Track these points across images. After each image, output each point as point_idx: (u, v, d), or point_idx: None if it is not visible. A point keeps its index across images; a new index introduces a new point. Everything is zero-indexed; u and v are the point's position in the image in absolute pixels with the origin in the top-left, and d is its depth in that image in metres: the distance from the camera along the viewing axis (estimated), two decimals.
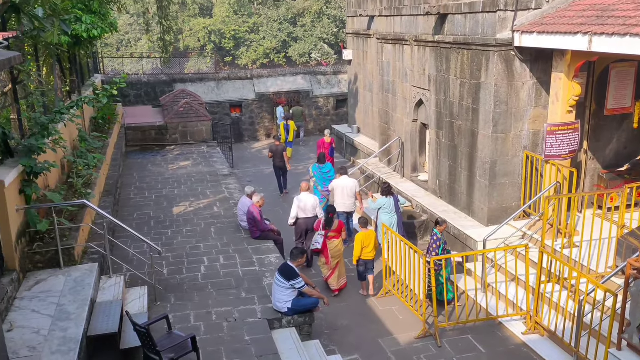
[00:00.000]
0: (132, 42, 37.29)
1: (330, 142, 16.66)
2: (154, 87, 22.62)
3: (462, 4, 11.10)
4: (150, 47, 21.57)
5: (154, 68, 30.59)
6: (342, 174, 11.96)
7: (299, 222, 10.74)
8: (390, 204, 10.92)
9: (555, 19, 9.59)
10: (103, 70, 24.54)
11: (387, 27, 14.97)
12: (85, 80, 16.46)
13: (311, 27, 36.80)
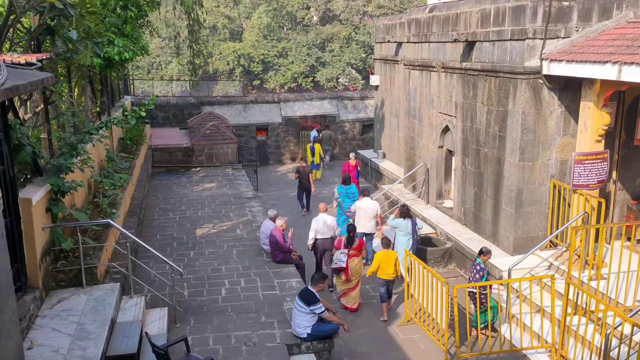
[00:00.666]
0: (163, 65, 38.29)
1: (355, 165, 16.75)
2: (182, 109, 23.09)
3: (490, 31, 11.08)
4: (180, 69, 22.11)
5: (183, 90, 31.28)
6: (364, 196, 12.06)
7: (317, 243, 10.80)
8: (408, 226, 10.93)
9: (585, 47, 9.48)
10: (133, 92, 25.20)
11: (414, 53, 15.02)
12: (116, 101, 16.91)
13: (339, 52, 37.19)
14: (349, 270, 9.86)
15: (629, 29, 9.53)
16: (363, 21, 37.79)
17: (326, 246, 10.78)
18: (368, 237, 12.04)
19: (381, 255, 9.65)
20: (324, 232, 10.73)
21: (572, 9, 9.94)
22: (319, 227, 10.71)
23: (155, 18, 18.16)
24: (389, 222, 11.68)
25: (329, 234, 10.75)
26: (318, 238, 10.76)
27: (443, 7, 13.26)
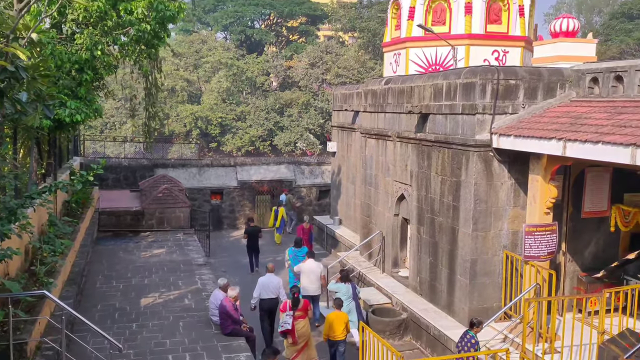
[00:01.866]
0: (117, 125, 37.50)
1: (309, 229, 17.20)
2: (134, 171, 22.56)
3: (442, 105, 11.47)
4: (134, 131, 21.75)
5: (137, 151, 30.67)
6: (309, 257, 12.42)
7: (262, 303, 10.93)
8: (348, 290, 11.23)
9: (531, 123, 9.89)
10: (83, 152, 24.51)
11: (371, 123, 15.36)
12: (64, 162, 16.30)
13: (298, 117, 37.83)
14: (295, 332, 9.75)
15: (572, 107, 10.06)
16: (322, 88, 38.86)
17: (272, 306, 10.94)
18: (313, 299, 12.16)
19: (333, 316, 9.85)
20: (270, 293, 10.90)
21: (519, 87, 10.46)
22: (265, 287, 10.90)
23: (112, 80, 17.96)
24: (330, 286, 11.96)
25: (274, 294, 10.91)
26: (263, 298, 10.91)
27: (398, 80, 13.74)
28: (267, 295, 10.87)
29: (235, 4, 47.30)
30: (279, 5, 47.16)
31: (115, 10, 9.11)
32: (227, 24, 47.09)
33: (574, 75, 10.64)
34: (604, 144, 7.86)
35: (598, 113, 9.14)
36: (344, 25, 44.23)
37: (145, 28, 8.94)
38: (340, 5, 48.77)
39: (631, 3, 43.84)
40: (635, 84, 9.33)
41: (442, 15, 15.30)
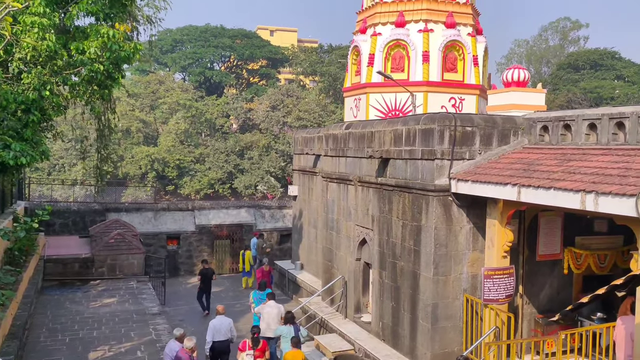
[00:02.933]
0: (67, 167, 36.07)
1: (268, 271, 17.42)
2: (84, 215, 21.69)
3: (402, 150, 11.63)
4: (85, 173, 21.09)
5: (87, 195, 29.62)
6: (269, 299, 12.65)
7: (214, 345, 11.04)
8: (290, 332, 11.27)
9: (487, 169, 10.12)
10: (29, 196, 23.38)
11: (332, 167, 15.40)
12: (6, 207, 15.46)
13: (258, 160, 37.68)
14: None
15: (525, 153, 10.39)
16: (283, 131, 39.06)
17: (223, 349, 11.01)
18: (272, 341, 12.10)
19: (290, 355, 9.99)
20: (221, 335, 10.99)
21: (475, 134, 10.75)
22: (217, 330, 10.99)
23: (61, 120, 17.41)
24: (275, 332, 11.97)
25: (224, 336, 11.01)
26: (215, 340, 10.98)
27: (359, 125, 13.92)
28: (219, 338, 11.01)
29: (194, 46, 47.51)
30: (239, 48, 47.70)
31: (66, 49, 8.82)
32: (185, 65, 47.12)
33: (526, 123, 11.04)
34: (555, 189, 8.10)
35: (549, 160, 9.46)
36: (304, 69, 45.09)
37: (98, 68, 8.64)
38: (301, 50, 49.87)
39: (577, 55, 46.63)
40: (582, 132, 9.74)
41: (401, 62, 15.78)
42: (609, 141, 9.28)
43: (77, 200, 25.70)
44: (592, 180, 7.86)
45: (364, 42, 16.39)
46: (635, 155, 8.36)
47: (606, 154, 8.84)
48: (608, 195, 7.32)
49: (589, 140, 9.71)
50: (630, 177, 7.52)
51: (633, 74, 45.10)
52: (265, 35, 57.61)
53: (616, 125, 9.19)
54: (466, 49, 15.70)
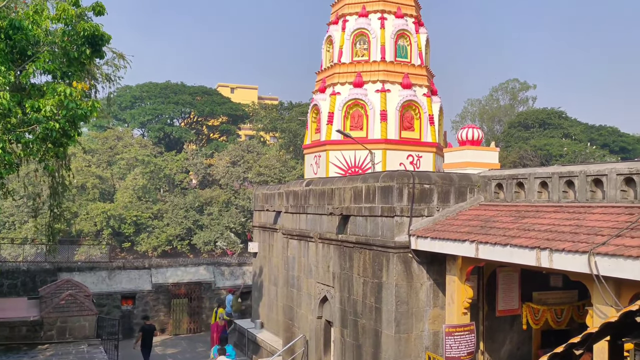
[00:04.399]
0: (17, 225, 34.45)
1: (223, 325, 17.82)
2: (33, 276, 20.65)
3: (362, 207, 11.73)
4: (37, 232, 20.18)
5: (38, 253, 28.32)
6: (220, 354, 12.81)
7: None
8: None
9: (446, 226, 10.29)
10: None
11: (292, 223, 15.33)
12: None
13: (218, 215, 37.14)
14: None
15: (481, 210, 10.65)
16: (243, 187, 38.85)
17: None
18: None
19: None
20: None
21: (433, 191, 10.98)
22: None
23: (13, 177, 16.81)
24: None
25: None
26: None
27: (319, 182, 14.02)
28: None
29: (154, 102, 47.46)
30: (199, 105, 47.93)
31: (21, 107, 8.63)
32: (145, 121, 46.83)
33: (481, 180, 11.39)
34: (511, 246, 8.28)
35: (505, 216, 9.72)
36: (265, 125, 45.57)
37: (53, 126, 8.41)
38: (262, 107, 50.59)
39: (526, 114, 49.08)
40: (535, 190, 10.11)
41: (360, 121, 16.18)
42: (559, 199, 9.64)
43: (27, 260, 24.45)
44: (546, 237, 8.09)
45: (323, 101, 16.79)
46: (585, 212, 8.69)
47: (558, 211, 9.16)
48: (562, 252, 7.52)
49: (542, 198, 10.07)
50: (581, 234, 7.78)
51: (579, 132, 47.65)
52: (226, 93, 58.30)
53: (566, 183, 9.58)
54: (422, 108, 16.29)
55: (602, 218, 8.26)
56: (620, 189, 8.67)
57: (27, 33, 8.08)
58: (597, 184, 9.06)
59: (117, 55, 14.05)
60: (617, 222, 7.86)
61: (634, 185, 8.50)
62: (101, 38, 8.83)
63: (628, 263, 6.64)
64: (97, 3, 8.80)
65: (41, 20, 8.34)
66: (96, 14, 8.93)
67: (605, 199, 8.86)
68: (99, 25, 8.78)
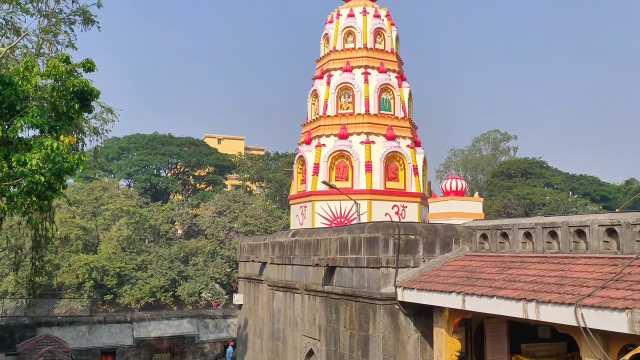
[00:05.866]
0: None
1: None
2: (12, 331, 20.05)
3: (348, 258, 11.69)
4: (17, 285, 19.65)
5: (18, 307, 27.45)
6: None
7: None
8: None
9: (432, 277, 10.27)
10: None
11: (278, 275, 15.17)
12: None
13: (203, 266, 36.60)
14: None
15: (467, 261, 10.67)
16: (229, 237, 38.51)
17: None
18: None
19: None
20: None
21: (418, 242, 11.02)
22: None
23: None
24: None
25: None
26: None
27: (305, 233, 14.00)
28: None
29: (141, 153, 47.56)
30: (186, 156, 48.11)
31: (7, 161, 8.61)
32: (131, 172, 46.77)
33: (466, 231, 11.47)
34: (498, 298, 8.27)
35: (490, 267, 9.75)
36: (251, 175, 45.72)
37: (39, 180, 8.36)
38: (248, 157, 50.91)
39: (508, 164, 49.98)
40: (519, 240, 10.20)
41: (345, 171, 16.36)
42: (544, 249, 9.73)
43: (7, 314, 23.69)
44: (532, 288, 8.11)
45: (309, 152, 17.00)
46: (570, 263, 8.77)
47: (543, 262, 9.22)
48: (548, 304, 7.53)
49: (526, 248, 10.14)
50: (567, 285, 7.81)
51: (560, 181, 48.50)
52: (213, 143, 58.74)
53: (549, 234, 9.69)
54: (406, 159, 16.56)
55: (586, 269, 8.33)
56: (602, 240, 8.79)
57: (16, 89, 8.20)
58: (580, 234, 9.19)
59: (105, 109, 14.23)
60: (602, 274, 7.93)
61: (616, 236, 8.64)
62: (90, 93, 8.97)
63: (614, 315, 6.66)
64: (88, 60, 9.01)
65: (31, 77, 8.48)
66: (86, 70, 9.11)
67: (588, 250, 8.97)
68: (88, 81, 8.95)
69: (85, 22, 13.15)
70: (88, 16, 13.18)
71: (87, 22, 13.16)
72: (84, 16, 13.11)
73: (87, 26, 13.23)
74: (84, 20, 13.13)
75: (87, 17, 13.15)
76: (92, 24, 13.33)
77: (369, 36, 17.50)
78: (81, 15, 13.09)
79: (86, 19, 13.14)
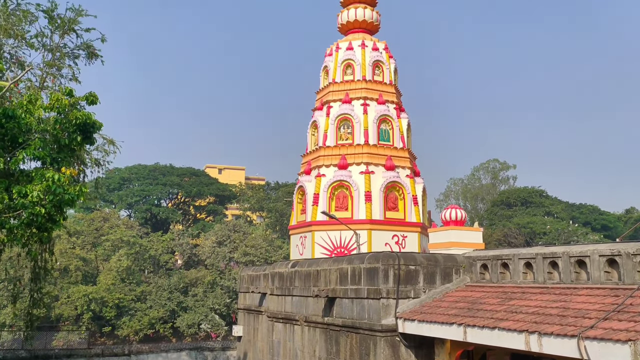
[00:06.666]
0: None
1: None
2: None
3: (348, 289, 11.61)
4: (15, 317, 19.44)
5: (15, 339, 27.10)
6: None
7: None
8: None
9: (433, 308, 10.18)
10: None
11: (278, 306, 15.04)
12: None
13: (203, 296, 36.28)
14: None
15: (468, 292, 10.59)
16: (229, 267, 38.28)
17: None
18: None
19: None
20: None
21: (419, 272, 10.97)
22: None
23: None
24: None
25: None
26: None
27: (305, 263, 13.94)
28: None
29: (142, 184, 47.69)
30: (187, 186, 48.22)
31: (7, 192, 8.65)
32: (132, 202, 46.80)
33: (466, 261, 11.43)
34: (500, 329, 8.18)
35: (491, 298, 9.67)
36: (252, 205, 45.75)
37: (39, 211, 8.39)
38: (249, 187, 51.04)
39: (508, 193, 50.06)
40: (520, 270, 10.15)
41: (345, 201, 16.39)
42: (545, 280, 9.67)
43: (4, 347, 23.36)
44: (534, 320, 8.03)
45: (308, 182, 17.07)
46: (571, 294, 8.71)
47: (544, 293, 9.16)
48: (550, 335, 7.45)
49: (527, 279, 10.08)
50: (569, 317, 7.75)
51: (560, 210, 48.47)
52: (214, 173, 58.94)
53: (550, 264, 9.65)
54: (406, 189, 16.61)
55: (588, 300, 8.27)
56: (603, 270, 8.76)
57: (19, 121, 8.31)
58: (581, 265, 9.15)
59: (107, 141, 14.37)
60: (604, 305, 7.87)
61: (617, 267, 8.60)
62: (92, 125, 9.09)
63: (617, 347, 6.59)
64: (91, 93, 9.15)
65: (34, 110, 8.61)
66: (89, 103, 9.25)
67: (590, 280, 8.92)
68: (90, 114, 9.07)
69: (89, 56, 13.42)
70: (92, 50, 13.45)
71: (91, 56, 13.43)
72: (88, 50, 13.39)
73: (91, 60, 13.51)
74: (88, 54, 13.41)
75: (91, 51, 13.43)
76: (96, 58, 13.60)
77: (367, 68, 17.78)
78: (85, 50, 13.37)
79: (90, 53, 13.41)
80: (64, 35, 13.04)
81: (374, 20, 18.78)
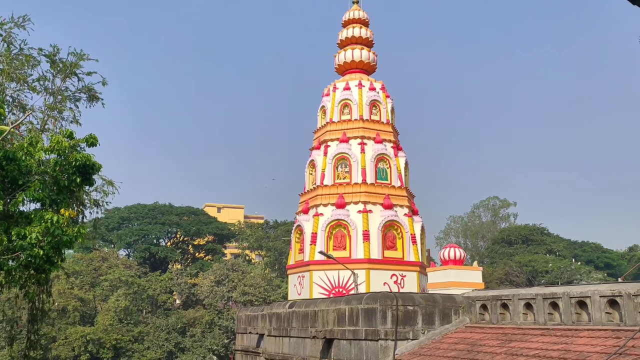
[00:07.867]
0: None
1: None
2: None
3: (346, 330, 11.46)
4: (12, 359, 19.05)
5: None
6: None
7: None
8: None
9: (432, 350, 10.04)
10: None
11: (275, 347, 14.79)
12: None
13: (201, 337, 35.75)
14: None
15: (467, 333, 10.46)
16: (227, 306, 37.82)
17: None
18: None
19: None
20: None
21: (417, 313, 10.85)
22: None
23: None
24: None
25: None
26: None
27: (302, 304, 13.79)
28: None
29: (141, 223, 47.63)
30: (186, 225, 48.14)
31: (7, 234, 8.68)
32: (131, 241, 46.64)
33: (465, 302, 11.32)
34: None
35: (491, 340, 9.54)
36: (251, 244, 45.55)
37: (37, 253, 8.39)
38: (247, 226, 50.93)
39: (509, 230, 49.87)
40: (520, 311, 10.04)
41: (343, 241, 16.35)
42: (545, 321, 9.55)
43: None
44: None
45: (306, 221, 17.07)
46: (573, 336, 8.60)
47: (545, 335, 9.04)
48: None
49: (527, 320, 9.97)
50: (570, 359, 7.64)
51: (562, 248, 48.20)
52: (213, 212, 58.92)
53: (550, 305, 9.55)
54: (404, 228, 16.59)
55: (589, 342, 8.16)
56: (605, 311, 8.66)
57: (19, 164, 8.42)
58: (582, 305, 9.06)
59: (106, 182, 14.46)
60: (605, 347, 7.77)
61: (618, 308, 8.52)
62: (92, 167, 9.19)
63: None
64: (91, 135, 9.30)
65: (35, 152, 8.73)
66: (89, 145, 9.38)
67: (591, 321, 8.81)
68: (90, 156, 9.19)
69: (90, 99, 13.66)
70: (93, 94, 13.71)
71: (92, 99, 13.68)
72: (89, 93, 13.65)
73: (92, 103, 13.75)
74: (89, 97, 13.65)
75: (92, 94, 13.68)
76: (97, 100, 13.84)
77: (364, 108, 18.04)
78: (86, 93, 13.62)
79: (91, 96, 13.66)
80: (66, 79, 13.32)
81: (371, 60, 19.18)
